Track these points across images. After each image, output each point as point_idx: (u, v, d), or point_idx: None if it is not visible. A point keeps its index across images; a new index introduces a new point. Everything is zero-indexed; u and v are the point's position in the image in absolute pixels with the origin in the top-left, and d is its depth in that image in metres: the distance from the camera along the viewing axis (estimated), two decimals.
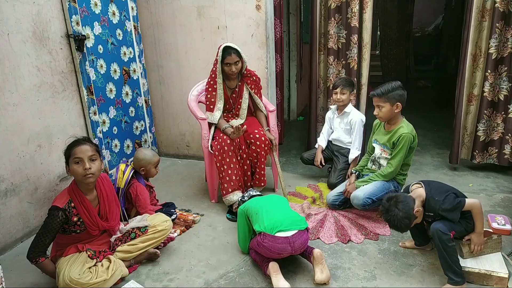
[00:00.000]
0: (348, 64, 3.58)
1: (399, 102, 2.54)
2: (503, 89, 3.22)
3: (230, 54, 2.84)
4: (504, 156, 3.34)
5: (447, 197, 2.02)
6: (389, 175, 2.66)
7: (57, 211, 1.98)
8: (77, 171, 2.02)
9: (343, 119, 3.23)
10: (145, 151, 2.74)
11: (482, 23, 3.13)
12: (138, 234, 2.29)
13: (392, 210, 2.00)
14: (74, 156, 2.02)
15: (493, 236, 2.15)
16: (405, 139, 2.54)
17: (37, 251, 1.99)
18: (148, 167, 2.71)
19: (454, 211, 2.01)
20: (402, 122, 2.62)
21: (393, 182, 2.72)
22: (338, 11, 3.48)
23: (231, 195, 2.85)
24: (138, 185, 2.63)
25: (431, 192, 2.09)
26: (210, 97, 3.01)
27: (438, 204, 2.03)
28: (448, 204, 2.01)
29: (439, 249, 2.01)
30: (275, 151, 3.08)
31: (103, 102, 3.26)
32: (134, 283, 2.15)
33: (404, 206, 1.99)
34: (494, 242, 2.15)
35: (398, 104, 2.54)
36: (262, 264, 2.18)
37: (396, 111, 2.57)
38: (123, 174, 2.61)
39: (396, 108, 2.55)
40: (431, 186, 2.12)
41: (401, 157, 2.58)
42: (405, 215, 1.98)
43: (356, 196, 2.64)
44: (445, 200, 2.02)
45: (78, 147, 2.03)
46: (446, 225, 2.01)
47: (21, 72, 2.53)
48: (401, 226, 2.01)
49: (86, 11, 3.00)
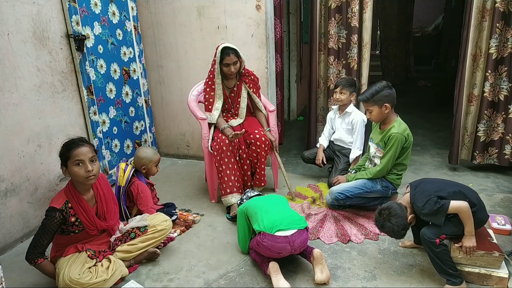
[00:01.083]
0: (348, 64, 3.58)
1: (387, 103, 2.51)
2: (503, 89, 3.22)
3: (228, 54, 2.84)
4: (505, 156, 3.34)
5: (427, 202, 1.96)
6: (377, 174, 2.65)
7: (54, 212, 1.98)
8: (79, 173, 2.01)
9: (344, 119, 3.24)
10: (146, 150, 2.75)
11: (482, 23, 3.13)
12: (138, 234, 2.30)
13: (387, 225, 2.03)
14: (75, 158, 2.01)
15: (494, 252, 2.03)
16: (394, 139, 2.52)
17: (36, 252, 1.99)
18: (149, 165, 2.72)
19: (436, 215, 1.96)
20: (394, 122, 2.59)
21: (384, 182, 2.70)
22: (338, 11, 3.48)
23: (229, 196, 2.85)
24: (139, 183, 2.64)
25: (414, 197, 2.05)
26: (208, 97, 3.01)
27: (418, 209, 2.01)
28: (428, 209, 1.96)
29: (429, 253, 2.03)
30: (277, 152, 3.08)
31: (103, 102, 3.26)
32: (134, 283, 2.15)
33: (397, 219, 2.01)
34: (493, 259, 2.03)
35: (386, 105, 2.52)
36: (262, 264, 2.18)
37: (386, 112, 2.55)
38: (124, 173, 2.62)
39: (385, 109, 2.53)
40: (417, 189, 2.07)
41: (390, 156, 2.57)
42: (400, 228, 2.01)
43: (331, 190, 2.77)
44: (425, 205, 1.97)
45: (79, 149, 2.02)
46: (431, 230, 2.00)
47: (21, 72, 2.53)
48: (399, 236, 2.07)
49: (86, 11, 3.00)
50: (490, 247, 2.06)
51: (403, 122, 2.62)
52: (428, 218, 2.01)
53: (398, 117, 2.63)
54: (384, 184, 2.71)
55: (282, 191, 3.24)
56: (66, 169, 2.05)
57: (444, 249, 1.99)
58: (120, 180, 2.60)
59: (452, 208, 1.93)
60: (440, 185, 2.08)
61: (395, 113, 2.63)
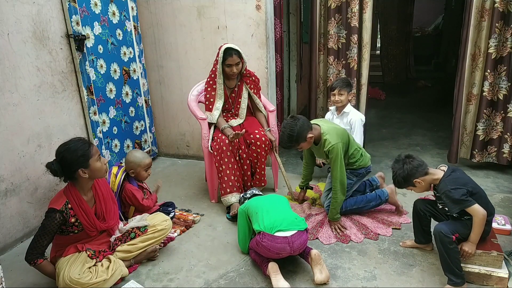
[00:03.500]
0: (348, 64, 3.58)
1: (307, 133, 2.49)
2: (502, 89, 3.23)
3: (231, 55, 2.84)
4: (503, 155, 3.35)
5: (459, 189, 1.96)
6: (339, 188, 2.55)
7: (54, 213, 1.98)
8: (103, 167, 2.11)
9: (342, 119, 3.24)
10: (135, 153, 2.64)
11: (482, 23, 3.13)
12: (137, 234, 2.30)
13: (400, 166, 2.09)
14: (97, 154, 2.07)
15: (492, 252, 2.03)
16: (334, 151, 2.50)
17: (35, 253, 1.99)
18: (138, 169, 2.60)
19: (456, 204, 1.96)
20: (323, 135, 2.56)
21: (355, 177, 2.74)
22: (338, 11, 3.48)
23: (229, 196, 2.85)
24: (129, 187, 2.57)
25: (447, 177, 2.03)
26: (209, 97, 3.01)
27: (446, 188, 1.99)
28: (455, 194, 1.95)
29: (440, 250, 2.01)
30: (276, 152, 3.08)
31: (103, 102, 3.26)
32: (134, 283, 2.15)
33: (411, 169, 2.06)
34: (492, 258, 2.03)
35: (308, 136, 2.49)
36: (261, 264, 2.18)
37: (312, 137, 2.52)
38: (116, 178, 2.56)
39: (310, 138, 2.51)
40: (453, 173, 2.06)
41: (337, 165, 2.52)
42: (405, 176, 2.07)
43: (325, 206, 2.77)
44: (455, 190, 1.95)
45: (93, 146, 2.08)
46: (449, 227, 2.00)
47: (21, 72, 2.53)
48: (396, 181, 2.13)
49: (86, 11, 3.00)
50: (490, 247, 2.06)
51: (329, 127, 2.60)
52: (447, 201, 1.99)
53: (321, 125, 2.60)
54: (356, 172, 2.73)
55: (282, 191, 3.24)
56: (85, 170, 2.01)
57: (456, 247, 1.99)
58: (112, 185, 2.52)
59: (474, 209, 1.94)
60: (472, 182, 2.09)
61: (316, 126, 2.59)
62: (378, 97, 6.73)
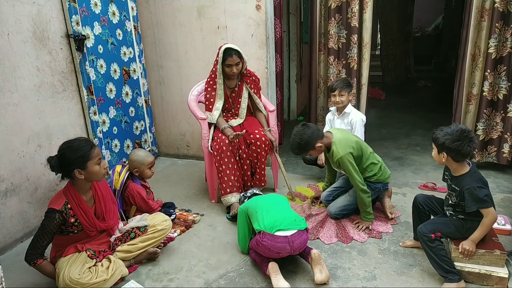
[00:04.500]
0: (348, 64, 3.58)
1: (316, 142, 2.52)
2: (502, 89, 3.23)
3: (231, 55, 2.84)
4: (503, 155, 3.35)
5: (483, 188, 1.96)
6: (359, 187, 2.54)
7: (54, 213, 1.98)
8: (101, 171, 2.08)
9: (343, 119, 3.23)
10: (138, 152, 2.68)
11: (481, 23, 3.13)
12: (137, 234, 2.30)
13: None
14: (97, 158, 2.04)
15: (495, 251, 2.03)
16: (342, 162, 2.51)
17: (35, 253, 1.99)
18: (141, 168, 2.65)
19: (476, 202, 1.95)
20: (333, 145, 2.57)
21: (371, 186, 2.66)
22: (338, 11, 3.49)
23: (229, 196, 2.85)
24: (133, 186, 2.61)
25: (474, 173, 2.02)
26: (209, 97, 3.01)
27: (472, 184, 1.97)
28: (478, 193, 1.94)
29: (424, 249, 2.08)
30: (277, 152, 3.08)
31: (103, 102, 3.26)
32: (134, 283, 2.15)
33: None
34: (495, 257, 2.04)
35: (317, 145, 2.52)
36: (261, 264, 2.18)
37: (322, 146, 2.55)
38: (119, 176, 2.58)
39: (320, 147, 2.54)
40: (477, 172, 2.05)
41: (351, 172, 2.52)
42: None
43: (328, 209, 2.80)
44: (480, 189, 1.95)
45: (96, 149, 2.06)
46: (427, 227, 2.07)
47: (21, 72, 2.53)
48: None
49: (86, 11, 3.00)
50: (492, 246, 2.07)
51: (341, 136, 2.60)
52: (468, 197, 1.97)
53: (334, 134, 2.60)
54: (373, 186, 2.68)
55: (282, 191, 3.24)
56: (81, 171, 2.01)
57: (439, 245, 2.03)
58: (115, 183, 2.56)
59: (490, 211, 1.96)
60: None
61: (329, 134, 2.61)
62: (378, 97, 6.73)
